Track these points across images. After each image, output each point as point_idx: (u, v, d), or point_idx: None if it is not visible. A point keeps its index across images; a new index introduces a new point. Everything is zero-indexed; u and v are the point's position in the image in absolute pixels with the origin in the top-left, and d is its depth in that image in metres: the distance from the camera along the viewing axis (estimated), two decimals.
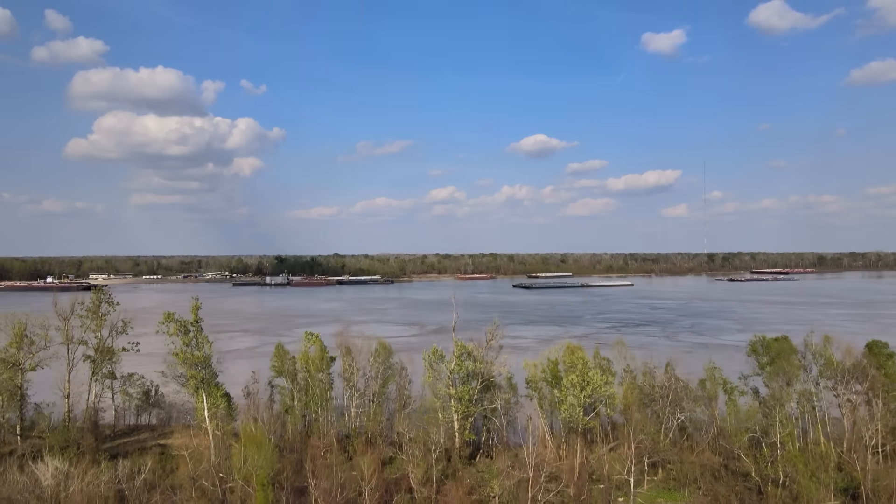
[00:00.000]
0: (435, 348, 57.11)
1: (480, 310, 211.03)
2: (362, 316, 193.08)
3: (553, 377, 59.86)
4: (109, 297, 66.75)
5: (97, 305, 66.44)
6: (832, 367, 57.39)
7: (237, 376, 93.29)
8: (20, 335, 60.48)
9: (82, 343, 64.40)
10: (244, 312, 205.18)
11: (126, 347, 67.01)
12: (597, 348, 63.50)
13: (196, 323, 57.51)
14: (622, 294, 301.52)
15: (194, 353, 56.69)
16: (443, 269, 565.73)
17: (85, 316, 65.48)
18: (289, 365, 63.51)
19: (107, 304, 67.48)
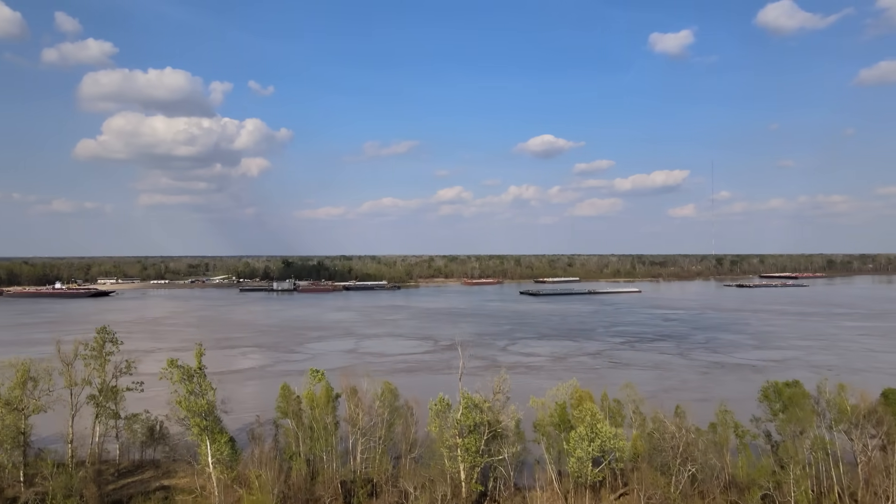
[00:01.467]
0: (441, 397, 56.23)
1: (491, 322, 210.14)
2: (374, 328, 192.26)
3: (561, 421, 58.78)
4: (113, 336, 66.30)
5: (101, 345, 66.02)
6: (846, 414, 56.59)
7: (247, 401, 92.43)
8: (24, 378, 59.79)
9: (87, 383, 63.91)
10: (255, 324, 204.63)
11: (130, 387, 66.44)
12: (605, 391, 62.39)
13: (200, 370, 56.83)
14: (632, 302, 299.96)
15: (198, 401, 55.76)
16: (449, 274, 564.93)
17: (88, 356, 64.93)
18: (294, 406, 62.58)
19: (111, 344, 66.91)
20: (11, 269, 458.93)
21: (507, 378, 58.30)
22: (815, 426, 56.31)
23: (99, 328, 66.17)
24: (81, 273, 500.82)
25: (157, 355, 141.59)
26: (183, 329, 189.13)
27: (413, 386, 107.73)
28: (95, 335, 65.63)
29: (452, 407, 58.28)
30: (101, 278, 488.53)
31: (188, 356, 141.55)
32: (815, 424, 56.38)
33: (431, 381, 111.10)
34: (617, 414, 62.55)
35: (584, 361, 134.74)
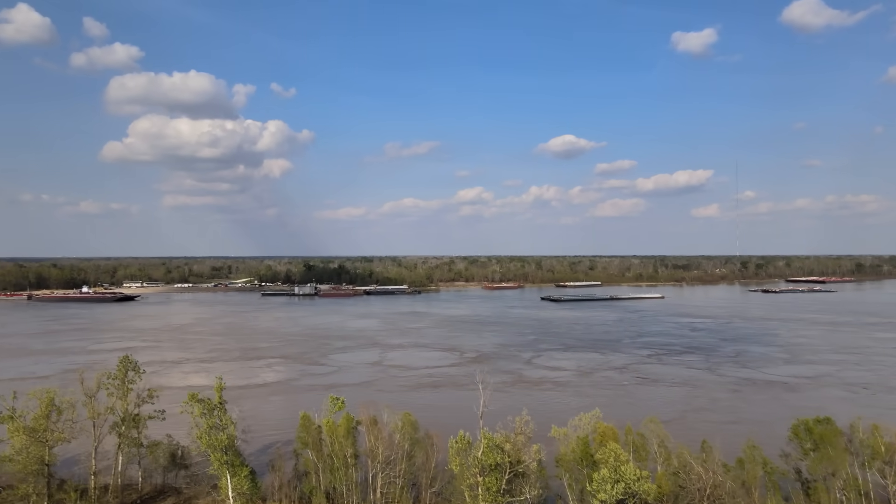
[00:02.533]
0: (462, 435, 55.33)
1: (515, 331, 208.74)
2: (397, 338, 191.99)
3: (583, 456, 57.55)
4: (135, 364, 66.80)
5: (123, 374, 66.41)
6: (880, 455, 54.76)
7: (270, 419, 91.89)
8: (48, 409, 60.04)
9: (110, 412, 64.27)
10: (279, 333, 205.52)
11: (152, 415, 66.76)
12: (628, 426, 60.91)
13: (221, 404, 56.74)
14: (656, 309, 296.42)
15: (218, 437, 55.58)
16: (470, 277, 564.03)
17: (110, 384, 65.38)
18: (314, 436, 62.20)
19: (133, 372, 67.29)
20: (40, 273, 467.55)
21: (529, 420, 57.11)
22: (847, 465, 54.74)
23: (121, 357, 66.68)
24: (107, 276, 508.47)
25: (185, 366, 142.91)
26: (209, 338, 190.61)
27: (438, 403, 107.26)
28: (118, 364, 66.00)
29: (474, 444, 57.25)
30: (127, 282, 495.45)
31: (215, 366, 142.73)
32: (847, 463, 54.81)
33: (457, 399, 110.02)
34: (641, 448, 61.10)
35: (610, 377, 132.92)
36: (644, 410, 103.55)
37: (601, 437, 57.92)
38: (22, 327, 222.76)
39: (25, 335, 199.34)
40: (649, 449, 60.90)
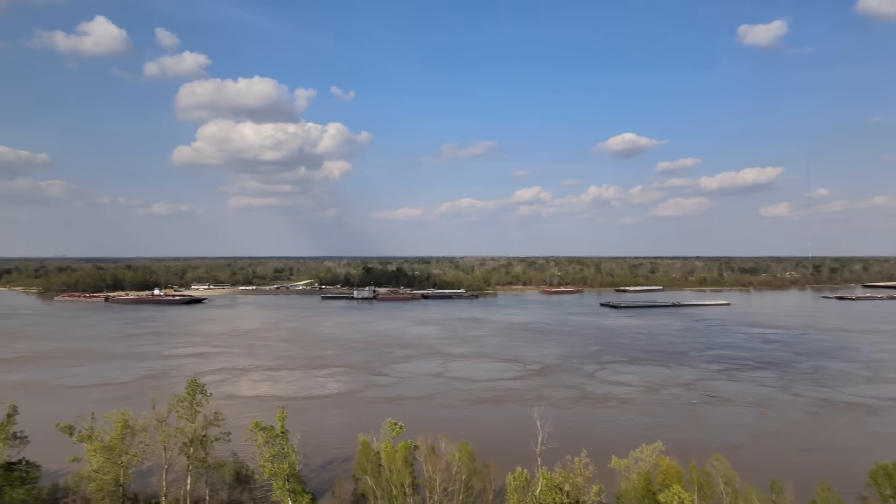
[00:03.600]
0: (519, 472, 54.44)
1: (577, 341, 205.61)
2: (458, 346, 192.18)
3: (645, 494, 55.65)
4: (202, 388, 68.88)
5: (192, 396, 68.56)
6: None
7: (333, 434, 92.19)
8: (122, 432, 62.30)
9: (179, 433, 66.43)
10: (342, 339, 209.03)
11: (219, 437, 68.73)
12: (692, 464, 58.39)
13: (283, 433, 58.10)
14: (723, 318, 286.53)
15: (280, 465, 56.72)
16: (528, 281, 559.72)
17: (179, 407, 67.66)
18: (372, 462, 62.53)
19: (200, 395, 69.44)
20: (116, 275, 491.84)
21: (589, 462, 55.83)
22: None
23: (189, 380, 68.96)
24: (177, 278, 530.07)
25: (253, 374, 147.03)
26: (275, 344, 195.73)
27: (500, 421, 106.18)
28: (186, 387, 68.32)
29: (532, 480, 56.34)
30: (195, 284, 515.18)
31: (281, 375, 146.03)
32: None
33: (519, 418, 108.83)
34: (706, 487, 58.58)
35: (677, 394, 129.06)
36: (713, 434, 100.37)
37: (664, 476, 56.21)
38: (102, 330, 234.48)
39: (106, 338, 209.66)
40: (715, 488, 58.53)
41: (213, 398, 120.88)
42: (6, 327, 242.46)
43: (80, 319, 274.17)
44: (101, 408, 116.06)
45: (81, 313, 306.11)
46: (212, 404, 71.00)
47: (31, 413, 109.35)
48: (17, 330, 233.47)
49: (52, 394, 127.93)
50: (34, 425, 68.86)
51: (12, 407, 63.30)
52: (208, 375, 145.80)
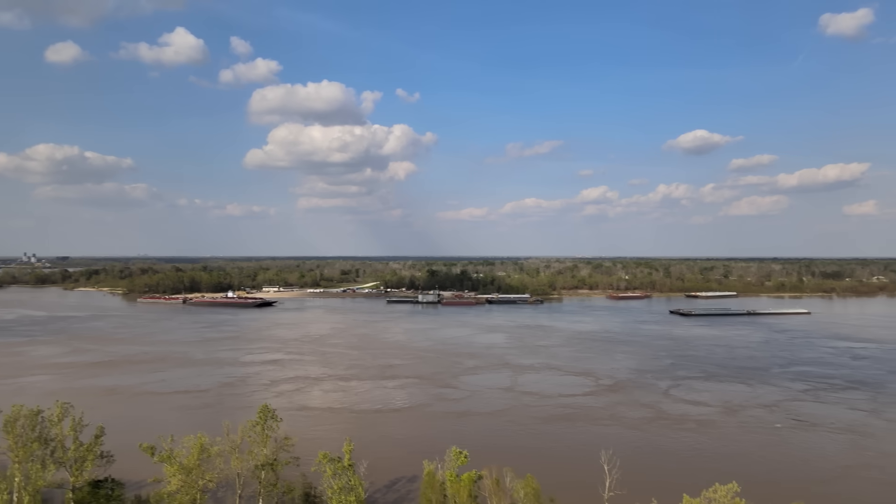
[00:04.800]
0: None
1: (650, 353, 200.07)
2: (527, 357, 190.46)
3: None
4: (273, 413, 70.62)
5: (263, 421, 70.30)
6: None
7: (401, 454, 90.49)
8: (198, 456, 64.18)
9: (251, 456, 68.11)
10: (411, 348, 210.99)
11: (289, 461, 70.40)
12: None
13: (350, 465, 58.67)
14: (806, 329, 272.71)
15: (347, 498, 57.15)
16: (594, 285, 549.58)
17: (251, 431, 69.47)
18: (437, 494, 62.31)
19: (271, 420, 71.26)
20: (193, 277, 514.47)
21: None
22: None
23: (261, 407, 70.95)
24: (249, 280, 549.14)
25: (325, 384, 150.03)
26: (346, 352, 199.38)
27: (570, 443, 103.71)
28: (258, 413, 70.18)
29: None
30: (266, 286, 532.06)
31: (352, 386, 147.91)
32: None
33: (590, 440, 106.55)
34: None
35: (759, 417, 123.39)
36: (799, 465, 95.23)
37: None
38: (183, 334, 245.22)
39: (187, 343, 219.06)
40: None
41: (288, 409, 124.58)
42: (97, 329, 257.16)
43: (162, 323, 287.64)
44: (183, 416, 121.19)
45: (163, 316, 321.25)
46: (285, 417, 72.69)
47: (120, 419, 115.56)
48: (106, 333, 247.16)
49: (138, 400, 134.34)
50: (122, 434, 71.70)
51: (100, 428, 66.84)
52: (283, 384, 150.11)
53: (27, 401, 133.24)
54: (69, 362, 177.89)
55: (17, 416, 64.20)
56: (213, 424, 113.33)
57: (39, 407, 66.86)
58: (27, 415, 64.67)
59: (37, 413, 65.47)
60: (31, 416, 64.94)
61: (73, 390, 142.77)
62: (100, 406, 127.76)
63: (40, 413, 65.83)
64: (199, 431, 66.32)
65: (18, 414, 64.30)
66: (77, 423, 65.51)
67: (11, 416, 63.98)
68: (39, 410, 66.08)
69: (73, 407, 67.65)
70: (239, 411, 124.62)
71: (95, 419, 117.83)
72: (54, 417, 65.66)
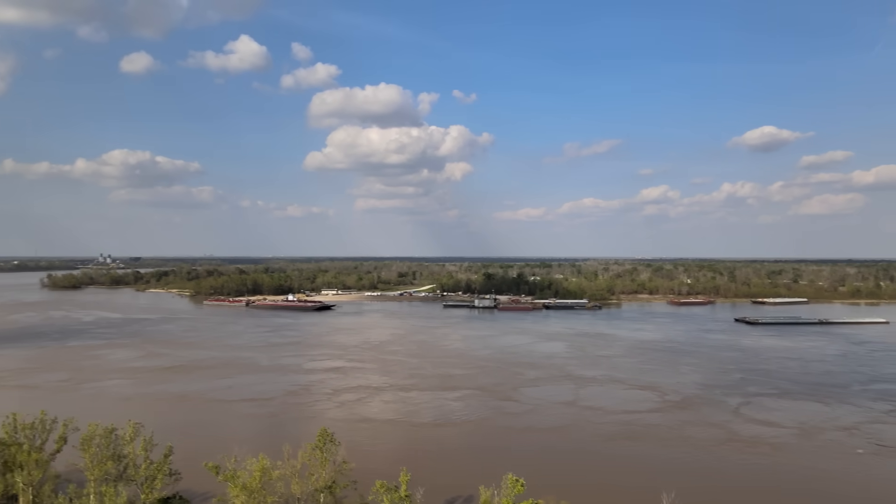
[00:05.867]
0: None
1: (717, 366, 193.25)
2: (589, 368, 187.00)
3: None
4: (332, 436, 71.11)
5: (322, 444, 70.84)
6: None
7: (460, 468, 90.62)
8: (262, 477, 64.97)
9: (311, 478, 68.75)
10: (470, 356, 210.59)
11: (346, 484, 70.71)
12: None
13: (407, 497, 58.30)
14: (886, 340, 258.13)
15: None
16: (654, 289, 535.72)
17: (311, 455, 70.25)
18: None
19: (330, 443, 71.80)
20: (255, 280, 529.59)
21: None
22: None
23: (320, 430, 71.40)
24: (308, 283, 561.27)
25: (385, 394, 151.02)
26: (406, 360, 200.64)
27: (634, 466, 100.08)
28: (318, 436, 70.82)
29: None
30: (325, 289, 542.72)
31: (412, 396, 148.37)
32: None
33: (658, 460, 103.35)
34: None
35: (839, 440, 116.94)
36: (885, 497, 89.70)
37: None
38: (249, 338, 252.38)
39: (253, 348, 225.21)
40: None
41: (349, 421, 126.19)
42: (168, 333, 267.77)
43: (228, 326, 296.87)
44: (249, 425, 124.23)
45: (228, 319, 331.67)
46: (347, 429, 73.11)
47: (189, 427, 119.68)
48: (176, 336, 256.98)
49: (207, 408, 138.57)
50: (190, 441, 73.13)
51: (168, 448, 68.95)
52: (344, 393, 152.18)
53: (105, 405, 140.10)
54: (143, 367, 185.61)
55: (93, 434, 66.87)
56: (277, 434, 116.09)
57: (113, 425, 69.59)
58: (102, 433, 67.28)
59: (111, 431, 68.09)
60: (105, 435, 67.60)
61: (146, 396, 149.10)
62: (171, 413, 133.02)
63: (114, 431, 68.52)
64: (261, 453, 67.51)
65: (94, 433, 67.00)
66: (148, 443, 67.76)
67: (88, 434, 66.69)
68: (113, 429, 68.72)
69: (143, 427, 70.09)
70: (302, 422, 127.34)
71: (166, 426, 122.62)
72: (127, 437, 68.13)
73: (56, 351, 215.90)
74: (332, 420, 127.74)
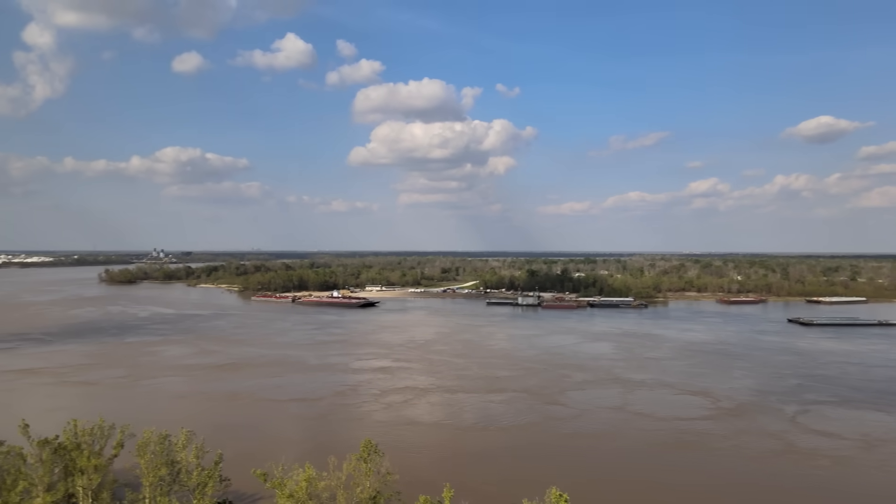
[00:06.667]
0: None
1: (771, 370, 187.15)
2: (637, 371, 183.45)
3: None
4: (376, 447, 71.12)
5: (367, 454, 70.78)
6: None
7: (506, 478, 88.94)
8: (308, 488, 65.17)
9: (357, 486, 68.94)
10: (515, 357, 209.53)
11: (391, 495, 70.80)
12: None
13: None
14: None
15: None
16: (703, 287, 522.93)
17: (356, 467, 70.40)
18: None
19: (374, 454, 71.84)
20: (301, 276, 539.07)
21: None
22: None
23: (364, 442, 71.28)
24: (353, 279, 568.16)
25: (432, 396, 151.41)
26: (452, 360, 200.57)
27: (689, 476, 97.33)
28: (361, 447, 70.84)
29: None
30: (369, 285, 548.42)
31: (458, 399, 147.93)
32: None
33: (713, 471, 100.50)
34: None
35: None
36: None
37: None
38: (296, 336, 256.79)
39: (301, 346, 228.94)
40: None
41: (396, 424, 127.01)
42: (220, 329, 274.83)
43: (276, 323, 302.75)
44: (297, 425, 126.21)
45: (276, 315, 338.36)
46: (393, 433, 73.06)
47: (240, 427, 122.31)
48: (228, 333, 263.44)
49: (257, 407, 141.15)
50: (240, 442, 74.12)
51: (219, 455, 70.22)
52: (391, 395, 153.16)
53: (160, 403, 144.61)
54: (196, 364, 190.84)
55: (148, 440, 68.87)
56: (325, 437, 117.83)
57: (167, 432, 71.47)
58: (156, 440, 69.23)
59: (164, 437, 69.99)
60: (160, 441, 69.54)
61: (199, 394, 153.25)
62: (222, 412, 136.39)
63: (167, 437, 70.41)
64: (307, 461, 68.24)
65: (149, 439, 68.99)
66: (199, 450, 69.36)
67: (144, 440, 68.72)
68: (167, 435, 70.58)
69: (195, 434, 71.73)
70: (350, 423, 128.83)
71: (218, 425, 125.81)
72: (179, 444, 69.89)
73: (115, 347, 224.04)
74: (379, 422, 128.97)
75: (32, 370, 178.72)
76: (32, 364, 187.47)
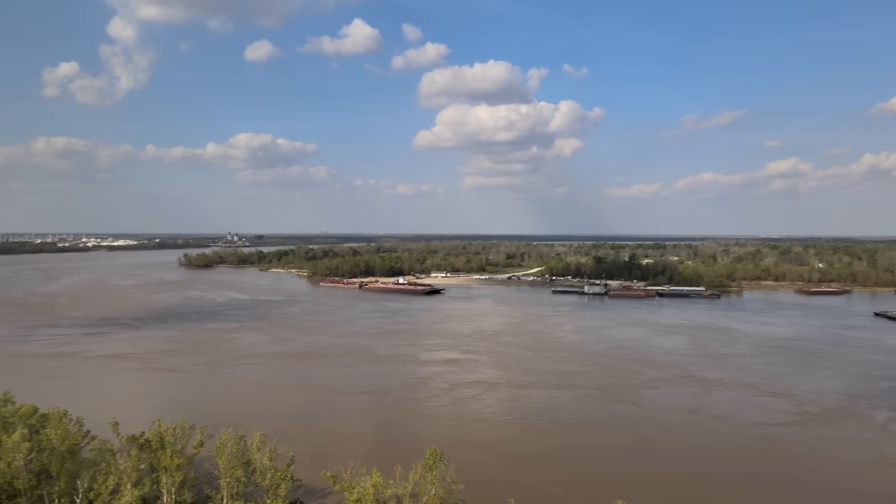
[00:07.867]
0: None
1: (860, 371, 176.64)
2: (713, 369, 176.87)
3: None
4: (441, 455, 71.67)
5: (433, 462, 71.70)
6: None
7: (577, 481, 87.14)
8: (374, 493, 65.49)
9: (421, 493, 68.99)
10: (585, 350, 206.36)
11: (456, 502, 70.59)
12: None
13: None
14: None
15: None
16: (780, 276, 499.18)
17: (422, 475, 70.61)
18: None
19: (439, 462, 72.14)
20: (368, 262, 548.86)
21: None
22: None
23: (429, 450, 71.38)
24: (418, 265, 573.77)
25: (500, 391, 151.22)
26: (520, 353, 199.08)
27: (773, 487, 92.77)
28: (427, 455, 70.99)
29: None
30: (434, 271, 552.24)
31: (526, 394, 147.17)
32: None
33: (797, 485, 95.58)
34: None
35: None
36: None
37: None
38: (365, 324, 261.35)
39: (370, 335, 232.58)
40: None
41: (465, 420, 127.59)
42: (292, 316, 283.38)
43: (345, 310, 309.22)
44: (367, 420, 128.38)
45: (344, 302, 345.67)
46: (462, 429, 72.83)
47: (312, 419, 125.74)
48: (299, 320, 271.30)
49: (328, 399, 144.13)
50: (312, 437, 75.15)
51: (291, 458, 72.28)
52: (461, 389, 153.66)
53: (238, 391, 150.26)
54: (271, 353, 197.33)
55: (225, 442, 71.57)
56: (394, 433, 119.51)
57: (242, 433, 73.94)
58: (233, 441, 71.86)
59: (240, 439, 72.56)
60: (236, 443, 72.13)
61: (274, 383, 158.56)
62: (295, 403, 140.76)
63: (243, 438, 72.96)
64: (374, 467, 69.16)
65: (227, 441, 71.64)
66: (273, 452, 71.52)
67: (222, 441, 71.43)
68: (243, 436, 73.13)
69: (269, 437, 73.95)
70: (419, 419, 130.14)
71: (291, 416, 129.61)
72: (254, 446, 72.26)
73: (195, 333, 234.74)
74: (447, 417, 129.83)
75: (122, 355, 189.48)
76: (122, 349, 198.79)
